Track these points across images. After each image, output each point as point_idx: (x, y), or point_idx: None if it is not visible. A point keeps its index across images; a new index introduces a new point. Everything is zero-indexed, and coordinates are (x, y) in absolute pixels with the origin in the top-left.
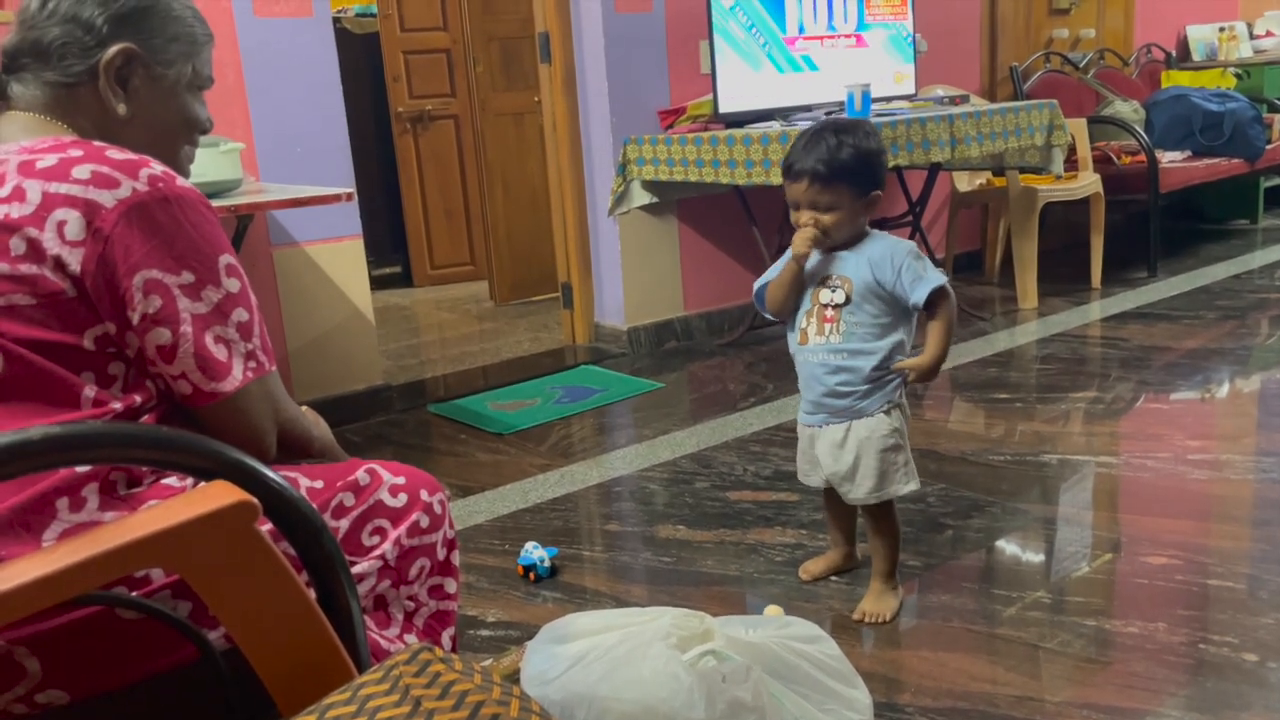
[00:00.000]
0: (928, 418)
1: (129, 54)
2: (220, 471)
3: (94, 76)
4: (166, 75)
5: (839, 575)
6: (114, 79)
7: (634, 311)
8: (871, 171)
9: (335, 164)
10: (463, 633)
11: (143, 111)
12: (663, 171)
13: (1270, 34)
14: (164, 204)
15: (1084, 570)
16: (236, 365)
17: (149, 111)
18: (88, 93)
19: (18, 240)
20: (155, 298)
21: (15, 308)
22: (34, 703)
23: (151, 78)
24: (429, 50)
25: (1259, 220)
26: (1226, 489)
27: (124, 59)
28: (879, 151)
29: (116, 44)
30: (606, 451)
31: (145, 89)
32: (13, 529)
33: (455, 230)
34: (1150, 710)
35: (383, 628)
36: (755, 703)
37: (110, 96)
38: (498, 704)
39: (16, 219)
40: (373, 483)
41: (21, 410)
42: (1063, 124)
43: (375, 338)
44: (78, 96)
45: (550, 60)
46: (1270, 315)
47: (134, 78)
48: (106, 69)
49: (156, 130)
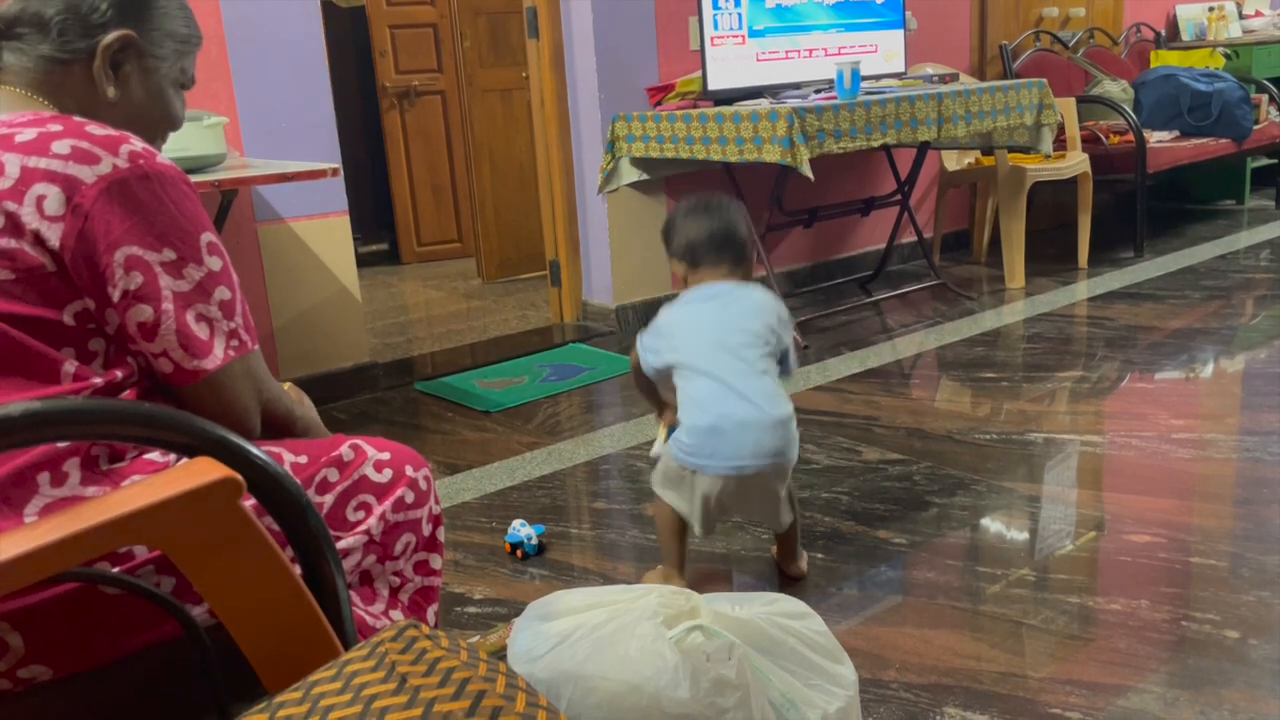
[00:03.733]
0: (914, 397)
1: (127, 40)
2: (204, 448)
3: (90, 56)
4: (158, 68)
5: (823, 554)
6: (109, 62)
7: (622, 289)
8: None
9: (321, 139)
10: (450, 609)
11: (129, 98)
12: (652, 149)
13: (1259, 14)
14: (144, 180)
15: (1068, 548)
16: (218, 344)
17: (135, 99)
18: (80, 71)
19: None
20: (136, 274)
21: None
22: (17, 678)
23: (144, 68)
24: (415, 25)
25: (1245, 201)
26: (1210, 468)
27: (121, 44)
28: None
29: (117, 29)
30: (594, 430)
31: (136, 77)
32: None
33: (442, 207)
34: (1132, 686)
35: (368, 603)
36: (739, 680)
37: (103, 79)
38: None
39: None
40: (357, 458)
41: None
42: (1052, 103)
43: (362, 315)
44: (70, 73)
45: (538, 36)
46: (1255, 295)
47: (127, 64)
48: (105, 51)
49: (137, 119)
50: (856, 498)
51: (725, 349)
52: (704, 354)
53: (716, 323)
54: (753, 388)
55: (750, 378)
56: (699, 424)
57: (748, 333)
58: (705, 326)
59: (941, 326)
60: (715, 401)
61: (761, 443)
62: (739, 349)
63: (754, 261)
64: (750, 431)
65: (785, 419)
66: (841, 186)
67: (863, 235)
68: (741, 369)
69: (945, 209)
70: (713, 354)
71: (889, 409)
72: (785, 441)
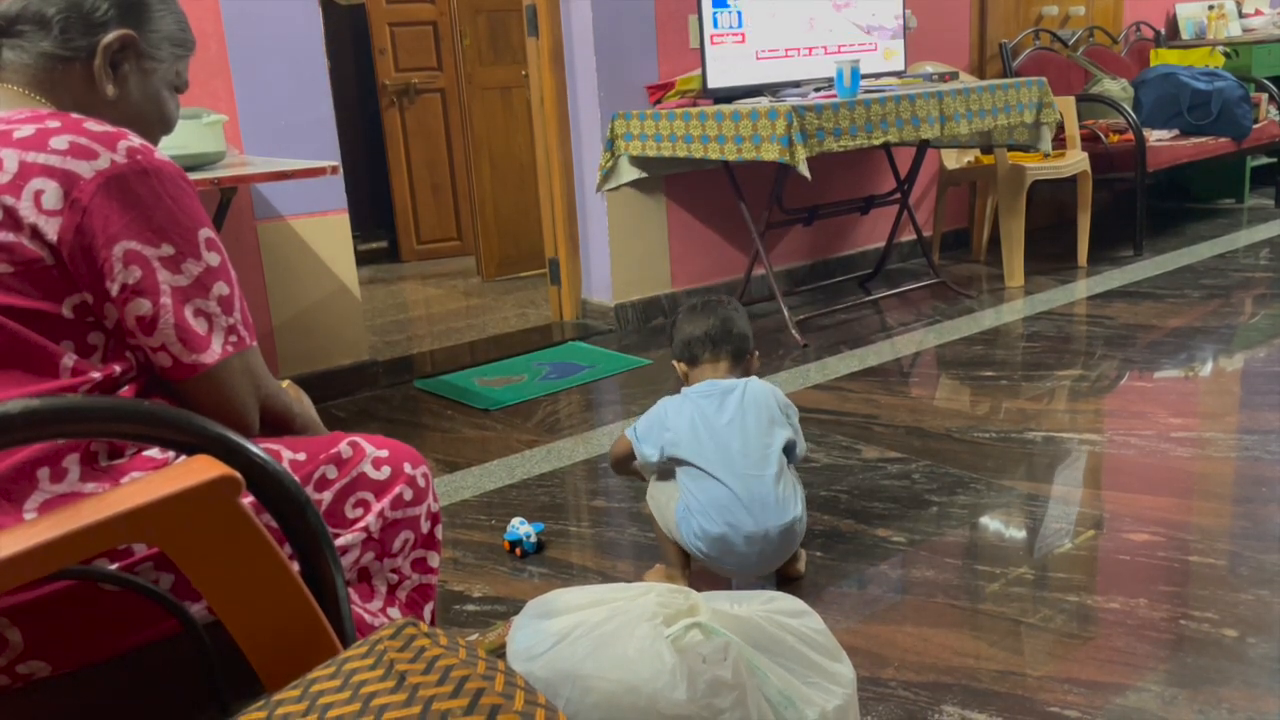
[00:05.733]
0: (913, 395)
1: (127, 40)
2: (203, 446)
3: (91, 55)
4: (156, 69)
5: (821, 553)
6: (108, 61)
7: (621, 288)
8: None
9: (320, 137)
10: (448, 607)
11: (127, 98)
12: (650, 147)
13: (1259, 13)
14: (142, 176)
15: (1067, 546)
16: (216, 339)
17: (132, 99)
18: (80, 69)
19: None
20: (135, 268)
21: None
22: (16, 673)
23: (142, 69)
24: (415, 22)
25: (1245, 200)
26: (1208, 466)
27: (121, 44)
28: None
29: (118, 29)
30: (593, 428)
31: (134, 78)
32: None
33: (442, 205)
34: (1131, 685)
35: (366, 600)
36: (735, 680)
37: (103, 77)
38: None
39: None
40: (355, 455)
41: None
42: (1051, 102)
43: (361, 313)
44: (70, 71)
45: (538, 34)
46: (1254, 294)
47: (126, 64)
48: (105, 49)
49: (134, 119)
50: (855, 496)
51: (730, 451)
52: (709, 456)
53: (721, 422)
54: (760, 494)
55: (758, 484)
56: (709, 531)
57: (751, 431)
58: (709, 425)
59: (941, 325)
60: (723, 511)
61: (767, 553)
62: (744, 451)
63: (754, 356)
64: (757, 544)
65: (791, 524)
66: (841, 185)
67: (862, 234)
68: (748, 474)
69: (945, 207)
70: (719, 456)
71: (888, 407)
72: (792, 541)
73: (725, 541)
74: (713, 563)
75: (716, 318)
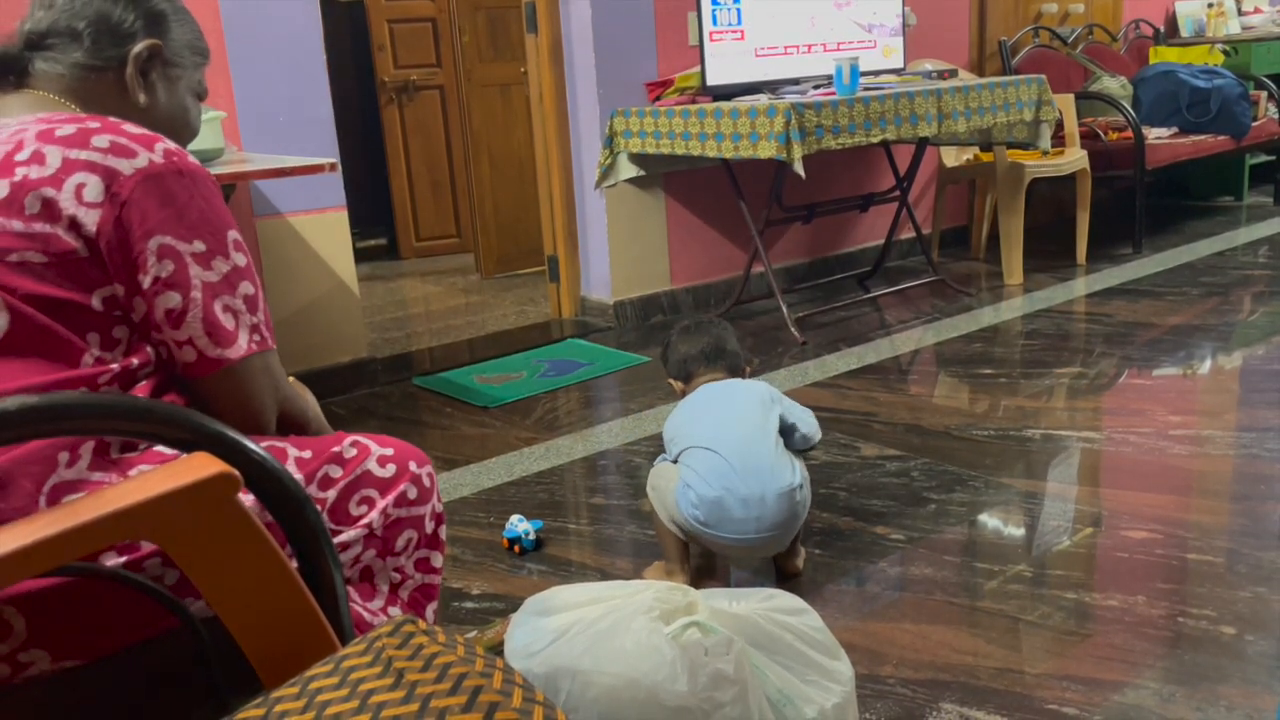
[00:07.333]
0: (912, 393)
1: (154, 50)
2: (201, 443)
3: (121, 64)
4: (181, 77)
5: (820, 550)
6: (138, 70)
7: (620, 285)
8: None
9: (319, 134)
10: (447, 605)
11: (156, 105)
12: (650, 144)
13: (1258, 10)
14: (178, 176)
15: (1065, 544)
16: (242, 335)
17: (161, 106)
18: (113, 78)
19: (33, 199)
20: (168, 262)
21: (27, 264)
22: (17, 661)
23: (168, 77)
24: (414, 19)
25: (1244, 197)
26: (1207, 464)
27: (150, 53)
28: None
29: (146, 39)
30: (592, 425)
31: (161, 85)
32: (14, 481)
33: (441, 203)
34: (1129, 682)
35: (367, 599)
36: (737, 675)
37: (134, 85)
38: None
39: (36, 179)
40: (359, 454)
41: (23, 366)
42: (1051, 99)
43: (360, 310)
44: (104, 80)
45: (537, 31)
46: (1253, 292)
47: (153, 73)
48: (135, 59)
49: (163, 125)
50: (854, 493)
51: (724, 422)
52: (706, 434)
53: (715, 404)
54: (754, 460)
55: (750, 446)
56: (706, 495)
57: (742, 408)
58: (707, 407)
59: (940, 322)
60: (719, 476)
61: (765, 518)
62: (738, 420)
63: (748, 374)
64: (754, 508)
65: (790, 489)
66: (840, 183)
67: (861, 231)
68: (741, 438)
69: (944, 205)
70: (715, 432)
71: (887, 405)
72: (791, 512)
73: (721, 506)
74: (711, 536)
75: (710, 336)
